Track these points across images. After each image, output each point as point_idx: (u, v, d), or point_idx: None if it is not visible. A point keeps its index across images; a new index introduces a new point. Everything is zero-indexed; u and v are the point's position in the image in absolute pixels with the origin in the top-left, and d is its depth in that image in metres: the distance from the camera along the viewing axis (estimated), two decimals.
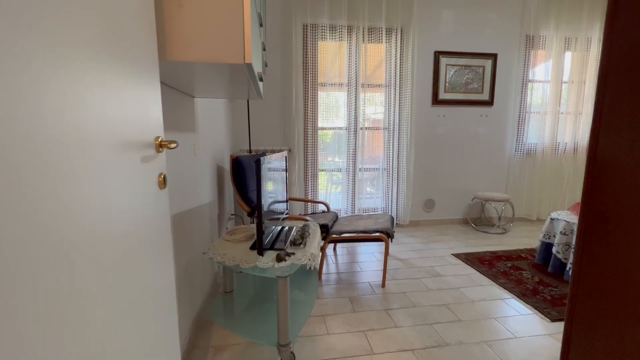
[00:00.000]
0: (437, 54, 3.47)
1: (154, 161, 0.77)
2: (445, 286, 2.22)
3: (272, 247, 1.67)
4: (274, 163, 1.90)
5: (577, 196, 3.93)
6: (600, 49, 3.32)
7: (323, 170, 3.55)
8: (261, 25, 1.60)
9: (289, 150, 3.31)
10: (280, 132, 3.34)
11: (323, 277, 2.40)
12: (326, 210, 2.90)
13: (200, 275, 1.84)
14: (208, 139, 2.09)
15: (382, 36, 3.30)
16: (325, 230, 2.35)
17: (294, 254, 1.58)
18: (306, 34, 3.19)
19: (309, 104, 3.29)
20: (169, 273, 0.92)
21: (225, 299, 1.87)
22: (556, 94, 3.70)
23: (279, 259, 1.51)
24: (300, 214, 2.89)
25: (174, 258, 1.40)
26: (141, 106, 0.73)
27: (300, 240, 1.69)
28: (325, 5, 3.13)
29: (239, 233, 1.89)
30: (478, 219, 3.84)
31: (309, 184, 3.40)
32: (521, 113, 3.75)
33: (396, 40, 3.34)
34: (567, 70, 3.76)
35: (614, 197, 0.86)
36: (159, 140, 0.78)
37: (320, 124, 3.43)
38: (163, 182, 0.80)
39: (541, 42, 3.63)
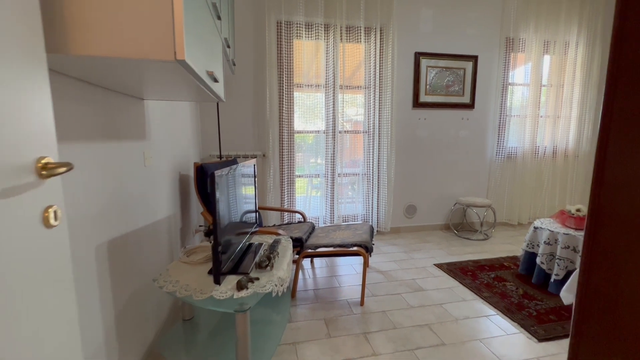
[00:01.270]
0: (418, 55, 3.36)
1: (33, 192, 0.56)
2: (427, 302, 2.08)
3: (234, 271, 1.47)
4: (240, 171, 1.70)
5: (557, 200, 3.92)
6: (582, 52, 3.29)
7: (300, 176, 3.36)
8: (219, 18, 1.40)
9: (263, 155, 3.11)
10: (253, 135, 3.13)
11: (298, 293, 2.22)
12: (302, 220, 2.72)
13: (154, 302, 1.61)
14: (166, 146, 1.86)
15: (360, 36, 3.15)
16: (300, 244, 2.17)
17: (258, 279, 1.39)
18: (280, 32, 3.00)
19: (284, 105, 3.10)
20: (71, 328, 0.71)
21: (184, 327, 1.66)
22: (535, 97, 3.67)
23: (240, 286, 1.32)
24: (275, 225, 2.69)
25: (111, 290, 1.18)
26: (10, 116, 0.53)
27: (267, 261, 1.50)
28: (301, 2, 2.95)
29: (199, 253, 1.67)
30: (460, 225, 3.76)
31: (285, 190, 3.21)
32: (502, 116, 3.69)
33: (375, 40, 3.20)
34: (545, 74, 3.74)
35: (625, 207, 0.72)
36: (43, 162, 0.57)
37: (296, 127, 3.24)
38: (54, 218, 0.59)
39: (521, 45, 3.59)
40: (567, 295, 1.38)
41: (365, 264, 2.05)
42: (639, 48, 0.68)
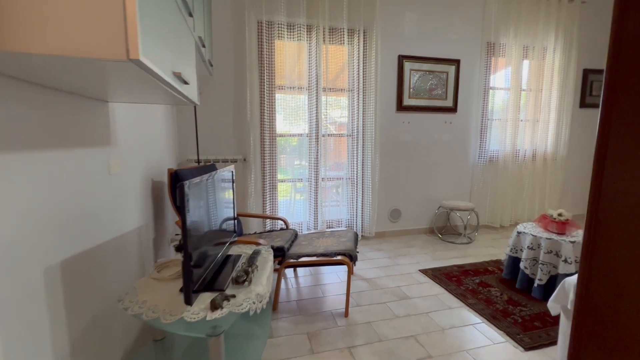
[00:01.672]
0: (401, 58, 3.34)
1: None
2: (413, 311, 2.03)
3: (209, 287, 1.36)
4: (217, 177, 1.60)
5: (536, 202, 3.99)
6: (559, 57, 3.35)
7: (283, 180, 3.27)
8: (190, 15, 1.30)
9: (244, 160, 2.99)
10: (234, 139, 3.01)
11: (280, 305, 2.12)
12: (285, 227, 2.62)
13: (122, 323, 1.48)
14: (137, 151, 1.73)
15: (344, 37, 3.09)
16: (281, 253, 2.07)
17: (234, 296, 1.29)
18: (261, 32, 2.90)
19: (265, 108, 3.00)
20: None
21: (155, 348, 1.53)
22: (516, 101, 3.72)
23: (214, 305, 1.21)
24: (256, 232, 2.59)
25: (66, 317, 1.05)
26: None
27: (244, 276, 1.40)
28: (282, 1, 2.86)
29: (172, 267, 1.56)
30: (444, 228, 3.75)
31: (267, 196, 3.10)
32: (483, 120, 3.72)
33: (359, 42, 3.15)
34: (525, 78, 3.80)
35: (623, 214, 0.67)
36: None
37: (279, 130, 3.15)
38: None
39: (501, 50, 3.63)
40: (554, 305, 1.36)
41: (350, 274, 1.98)
42: (637, 53, 0.63)
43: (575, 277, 1.29)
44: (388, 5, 3.22)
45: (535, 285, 2.18)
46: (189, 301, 1.17)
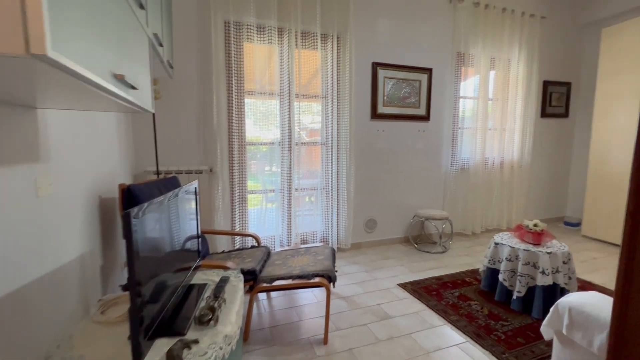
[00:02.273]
0: (375, 65, 3.27)
1: None
2: (396, 333, 1.91)
3: (166, 331, 1.14)
4: (176, 196, 1.38)
5: (505, 209, 4.09)
6: (522, 69, 3.45)
7: (253, 191, 3.05)
8: (142, 7, 1.09)
9: (210, 170, 2.75)
10: (198, 148, 2.76)
11: (252, 333, 1.91)
12: (256, 244, 2.41)
13: None
14: (79, 167, 1.46)
15: (317, 42, 2.97)
16: (253, 276, 1.87)
17: (197, 342, 1.08)
18: (229, 33, 2.69)
19: (234, 114, 2.78)
20: None
21: None
22: (484, 111, 3.80)
23: (171, 357, 1.00)
24: (224, 251, 2.35)
25: None
26: None
27: (209, 314, 1.19)
28: (251, 1, 2.68)
29: (121, 305, 1.31)
30: (419, 237, 3.72)
31: (236, 209, 2.87)
32: (454, 128, 3.76)
33: (332, 47, 3.04)
34: (491, 88, 3.90)
35: None
36: None
37: (249, 137, 2.94)
38: None
39: (470, 60, 3.70)
40: (548, 329, 1.30)
41: (329, 297, 1.82)
42: None
43: (569, 300, 1.24)
44: (362, 12, 3.15)
45: (514, 297, 2.15)
46: (138, 355, 0.95)
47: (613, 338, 0.70)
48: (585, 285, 2.53)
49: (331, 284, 1.86)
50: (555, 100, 4.38)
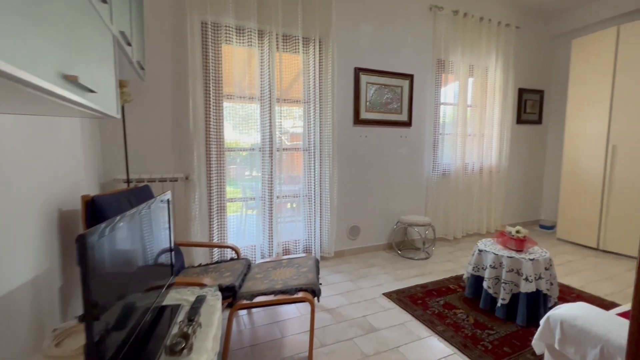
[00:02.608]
0: (357, 71, 3.24)
1: None
2: (382, 347, 1.85)
3: None
4: (145, 209, 1.25)
5: (484, 214, 4.15)
6: (499, 77, 3.51)
7: (232, 199, 2.92)
8: (104, 1, 0.97)
9: (186, 178, 2.60)
10: (173, 154, 2.61)
11: (232, 353, 1.79)
12: (236, 257, 2.29)
13: None
14: (32, 177, 1.30)
15: (298, 46, 2.89)
16: (232, 293, 1.75)
17: None
18: (206, 35, 2.57)
19: (211, 119, 2.65)
20: None
21: None
22: (464, 117, 3.85)
23: None
24: (201, 264, 2.21)
25: None
26: None
27: (183, 342, 1.07)
28: (230, 2, 2.57)
29: (80, 335, 1.16)
30: (402, 243, 3.70)
31: (215, 219, 2.73)
32: (435, 134, 3.79)
33: (314, 51, 2.98)
34: (470, 95, 3.97)
35: None
36: None
37: (228, 144, 2.82)
38: None
39: (450, 67, 3.74)
40: (539, 343, 1.27)
41: (313, 313, 1.73)
42: None
43: (560, 312, 1.22)
44: (343, 16, 3.11)
45: (499, 304, 2.15)
46: None
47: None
48: (564, 290, 2.58)
49: (315, 298, 1.77)
50: (530, 107, 4.53)
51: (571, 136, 3.87)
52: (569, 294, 2.52)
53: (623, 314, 1.39)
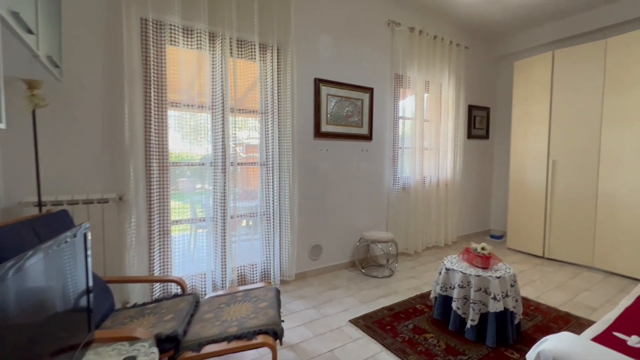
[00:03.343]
0: (318, 82, 3.10)
1: None
2: None
3: None
4: (58, 246, 0.93)
5: (442, 226, 4.21)
6: (452, 93, 3.60)
7: (178, 222, 2.55)
8: None
9: (120, 199, 2.19)
10: (104, 170, 2.20)
11: None
12: (181, 292, 1.94)
13: None
14: None
15: (255, 52, 2.67)
16: (174, 343, 1.42)
17: None
18: (146, 33, 2.24)
19: (152, 129, 2.30)
20: None
21: None
22: (421, 131, 3.90)
23: None
24: (136, 304, 1.82)
25: None
26: None
27: None
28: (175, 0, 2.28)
29: None
30: (365, 260, 3.57)
31: (156, 246, 2.34)
32: (395, 148, 3.78)
33: (272, 59, 2.77)
34: (426, 110, 4.05)
35: None
36: None
37: (174, 158, 2.47)
38: None
39: (407, 82, 3.78)
40: None
41: (275, 358, 1.47)
42: None
43: (550, 348, 1.12)
44: (303, 24, 2.96)
45: (468, 326, 2.07)
46: None
47: None
48: (523, 303, 2.61)
49: (277, 341, 1.51)
50: (478, 122, 4.77)
51: (516, 151, 4.12)
52: (528, 307, 2.56)
53: (596, 339, 1.35)
